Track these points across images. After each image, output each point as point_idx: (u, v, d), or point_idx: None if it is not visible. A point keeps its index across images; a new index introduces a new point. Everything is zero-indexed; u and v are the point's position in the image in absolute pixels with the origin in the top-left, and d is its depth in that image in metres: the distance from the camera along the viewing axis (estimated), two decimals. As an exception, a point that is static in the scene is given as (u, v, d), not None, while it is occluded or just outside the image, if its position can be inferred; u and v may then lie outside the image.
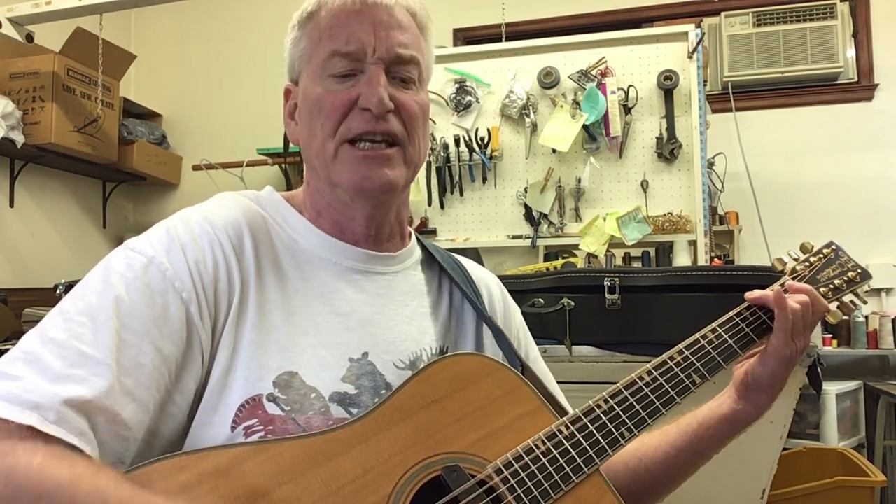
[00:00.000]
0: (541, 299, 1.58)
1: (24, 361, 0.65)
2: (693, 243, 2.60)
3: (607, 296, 1.53)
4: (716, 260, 3.07)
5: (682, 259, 2.60)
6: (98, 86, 3.71)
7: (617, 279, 1.53)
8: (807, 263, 0.97)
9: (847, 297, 0.96)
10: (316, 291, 0.81)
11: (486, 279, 1.01)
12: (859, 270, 0.97)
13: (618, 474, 0.90)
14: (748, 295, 0.92)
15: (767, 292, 0.90)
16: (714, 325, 0.90)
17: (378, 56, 0.80)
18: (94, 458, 0.63)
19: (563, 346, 1.56)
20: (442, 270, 0.94)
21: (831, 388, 3.10)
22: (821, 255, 0.98)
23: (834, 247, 0.99)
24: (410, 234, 0.96)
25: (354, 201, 0.83)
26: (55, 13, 3.04)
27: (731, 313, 0.90)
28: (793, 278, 0.95)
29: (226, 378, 0.73)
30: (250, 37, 4.45)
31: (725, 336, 0.89)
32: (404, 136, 0.82)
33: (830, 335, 3.39)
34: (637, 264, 3.20)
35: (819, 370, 1.38)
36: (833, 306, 0.95)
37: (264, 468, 0.66)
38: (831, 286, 0.95)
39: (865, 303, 0.98)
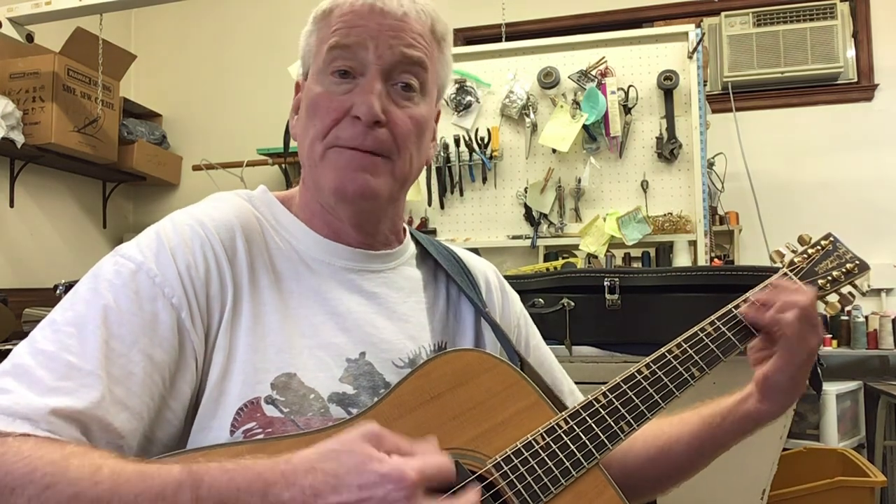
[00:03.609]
0: (541, 299, 1.58)
1: (13, 375, 0.64)
2: (693, 243, 2.60)
3: (607, 296, 1.52)
4: (716, 260, 3.07)
5: (682, 259, 2.60)
6: (98, 86, 3.71)
7: (617, 279, 1.52)
8: (805, 255, 0.97)
9: (845, 289, 0.96)
10: (311, 292, 0.81)
11: (482, 268, 1.00)
12: (857, 262, 0.96)
13: (638, 459, 0.90)
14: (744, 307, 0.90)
15: (763, 316, 0.87)
16: (713, 317, 0.90)
17: (379, 54, 0.78)
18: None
19: (563, 346, 1.55)
20: (437, 265, 0.94)
21: (831, 389, 3.11)
22: (819, 247, 0.98)
23: (832, 238, 0.99)
24: (405, 229, 0.95)
25: (337, 205, 0.82)
26: (55, 13, 3.04)
27: (730, 306, 0.90)
28: (791, 270, 0.95)
29: (222, 382, 0.73)
30: (250, 37, 4.46)
31: (724, 329, 0.88)
32: (393, 149, 0.79)
33: (830, 335, 3.39)
34: (637, 264, 3.20)
35: (819, 370, 1.38)
36: (833, 298, 0.95)
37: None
38: (829, 277, 0.95)
39: (864, 294, 0.98)
